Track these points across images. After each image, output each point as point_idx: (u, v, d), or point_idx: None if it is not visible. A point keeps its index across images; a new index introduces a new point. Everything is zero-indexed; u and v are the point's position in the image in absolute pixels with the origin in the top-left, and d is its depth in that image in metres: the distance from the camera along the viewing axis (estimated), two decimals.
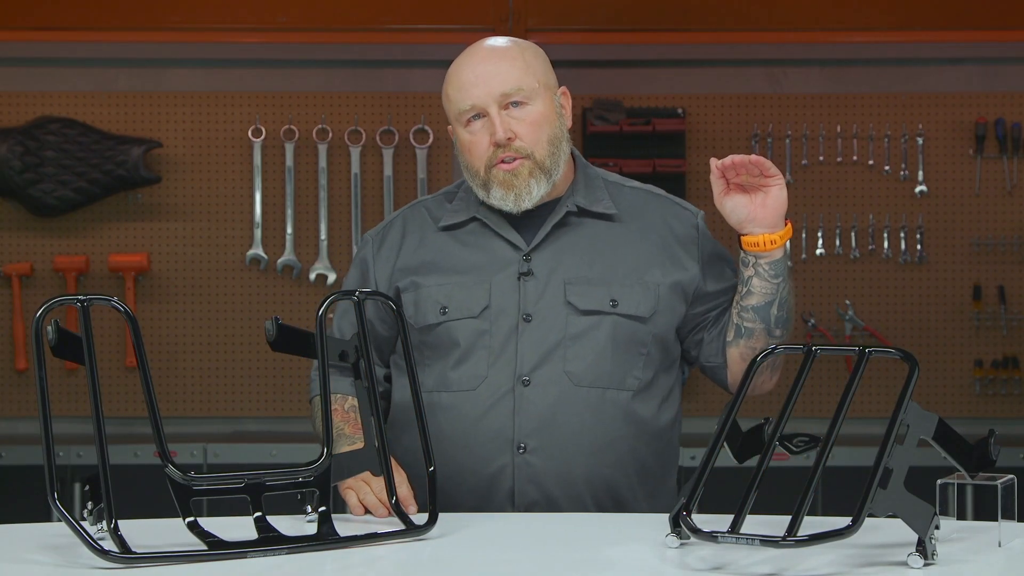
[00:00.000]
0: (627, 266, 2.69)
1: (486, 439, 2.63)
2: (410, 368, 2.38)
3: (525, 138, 2.64)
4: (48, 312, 2.06)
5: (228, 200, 5.28)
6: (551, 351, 2.64)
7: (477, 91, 2.63)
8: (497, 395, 2.63)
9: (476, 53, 2.69)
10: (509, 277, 2.67)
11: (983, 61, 5.30)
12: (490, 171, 2.65)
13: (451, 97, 2.67)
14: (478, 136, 2.65)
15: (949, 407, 5.23)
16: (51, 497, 2.03)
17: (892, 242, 5.27)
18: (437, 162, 5.28)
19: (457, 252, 2.72)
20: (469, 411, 2.64)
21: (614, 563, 2.12)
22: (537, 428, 2.62)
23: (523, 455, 2.62)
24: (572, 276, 2.67)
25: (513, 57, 2.67)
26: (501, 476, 2.63)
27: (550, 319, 2.65)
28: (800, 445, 2.23)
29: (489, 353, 2.65)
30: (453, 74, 2.68)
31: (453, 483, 2.64)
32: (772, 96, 5.30)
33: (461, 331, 2.66)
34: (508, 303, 2.66)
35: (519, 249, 2.69)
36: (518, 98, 2.64)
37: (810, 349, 2.22)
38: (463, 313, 2.66)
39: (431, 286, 2.69)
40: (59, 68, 5.29)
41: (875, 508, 1.98)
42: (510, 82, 2.63)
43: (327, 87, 5.31)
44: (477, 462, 2.63)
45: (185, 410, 5.27)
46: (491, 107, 2.63)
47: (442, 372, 2.67)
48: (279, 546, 2.10)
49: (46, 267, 5.24)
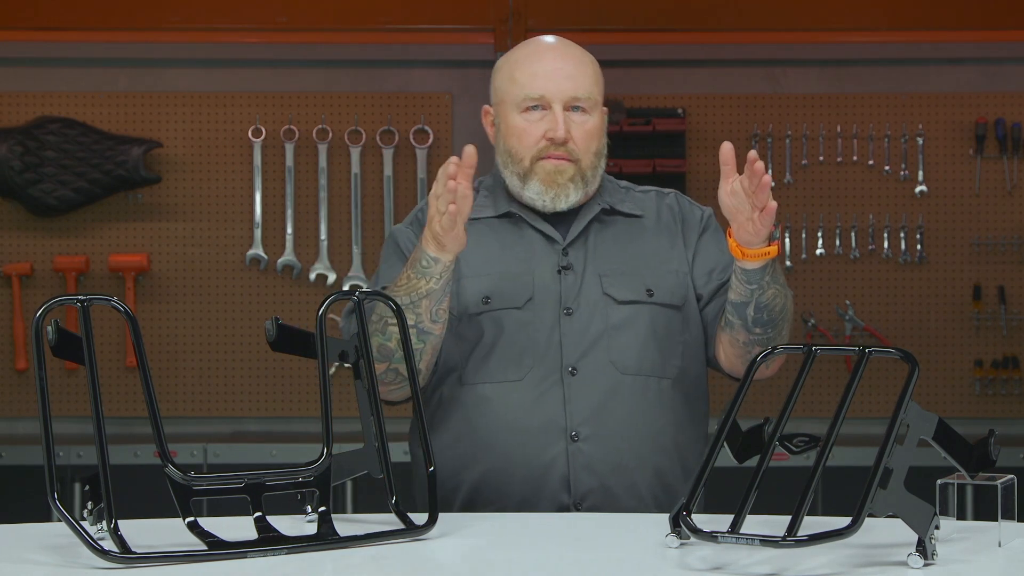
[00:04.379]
0: (656, 258, 2.74)
1: (537, 428, 2.64)
2: (410, 369, 2.37)
3: (579, 143, 2.68)
4: (48, 312, 2.06)
5: (228, 200, 5.28)
6: (595, 341, 2.67)
7: (551, 85, 2.66)
8: (545, 384, 2.65)
9: (554, 48, 2.73)
10: (549, 270, 2.70)
11: (983, 61, 5.31)
12: (536, 163, 2.68)
13: (518, 81, 2.69)
14: (534, 126, 2.68)
15: (949, 407, 5.23)
16: (51, 497, 2.03)
17: (892, 242, 5.27)
18: (437, 162, 5.28)
19: (495, 244, 2.73)
20: (517, 401, 2.65)
21: (614, 563, 2.12)
22: (588, 416, 2.64)
23: (576, 443, 2.64)
24: (606, 269, 2.71)
25: (587, 64, 2.71)
26: (555, 465, 2.63)
27: (590, 311, 2.68)
28: (800, 445, 2.23)
29: (534, 344, 2.66)
30: (525, 60, 2.71)
31: (504, 473, 2.64)
32: (772, 96, 5.30)
33: (504, 321, 2.67)
34: (550, 296, 2.69)
35: (556, 243, 2.72)
36: (584, 105, 2.68)
37: (810, 349, 2.22)
38: (506, 304, 2.68)
39: (472, 276, 2.70)
40: (59, 68, 5.29)
41: (875, 508, 1.98)
42: (583, 88, 2.68)
43: (327, 87, 5.31)
44: (529, 451, 2.64)
45: (185, 410, 5.27)
46: (557, 104, 2.66)
47: (486, 363, 2.68)
48: (279, 546, 2.10)
49: (46, 267, 5.24)
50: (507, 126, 2.70)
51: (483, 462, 2.66)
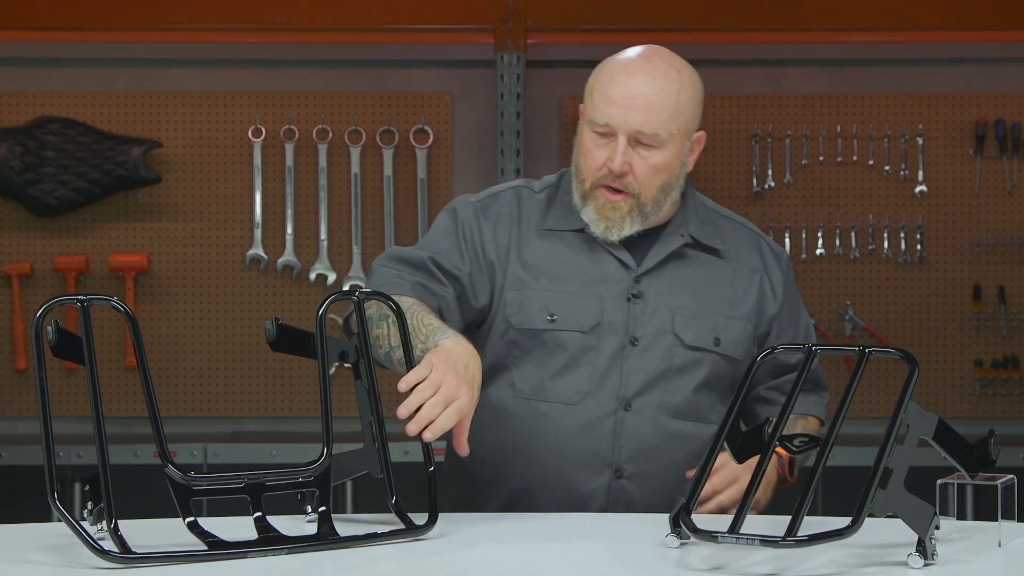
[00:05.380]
0: (729, 302, 2.68)
1: (583, 457, 2.61)
2: (410, 369, 2.36)
3: (639, 178, 2.58)
4: (48, 312, 2.05)
5: (228, 200, 5.28)
6: (654, 380, 2.62)
7: (618, 114, 2.56)
8: (598, 415, 2.61)
9: (638, 71, 2.58)
10: (618, 296, 2.64)
11: (983, 61, 5.30)
12: (594, 189, 2.60)
13: (594, 99, 2.59)
14: (598, 149, 2.59)
15: (949, 407, 5.23)
16: (51, 497, 2.03)
17: (892, 242, 5.27)
18: (437, 162, 5.28)
19: (565, 259, 2.66)
20: (568, 425, 2.61)
21: (614, 563, 2.12)
22: (635, 455, 2.61)
23: (619, 480, 2.61)
24: (679, 306, 2.64)
25: (669, 96, 2.57)
26: (595, 497, 2.61)
27: (655, 346, 2.63)
28: (800, 445, 2.23)
29: (594, 370, 2.61)
30: (608, 77, 2.60)
31: (542, 494, 2.62)
32: (772, 96, 5.30)
33: (568, 342, 2.61)
34: (616, 323, 2.62)
35: (630, 270, 2.65)
36: (650, 142, 2.57)
37: (810, 349, 2.23)
38: (572, 325, 2.62)
39: (539, 289, 2.63)
40: (59, 68, 5.29)
41: (875, 508, 1.98)
42: (650, 124, 2.56)
43: (327, 87, 5.31)
44: (572, 478, 2.61)
45: (185, 410, 5.27)
46: (621, 136, 2.56)
47: (541, 380, 2.62)
48: (279, 546, 2.10)
49: (46, 267, 5.24)
50: (579, 140, 2.63)
51: (523, 478, 2.63)
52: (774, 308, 2.72)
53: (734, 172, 5.29)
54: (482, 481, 2.66)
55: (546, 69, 5.30)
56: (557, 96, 5.28)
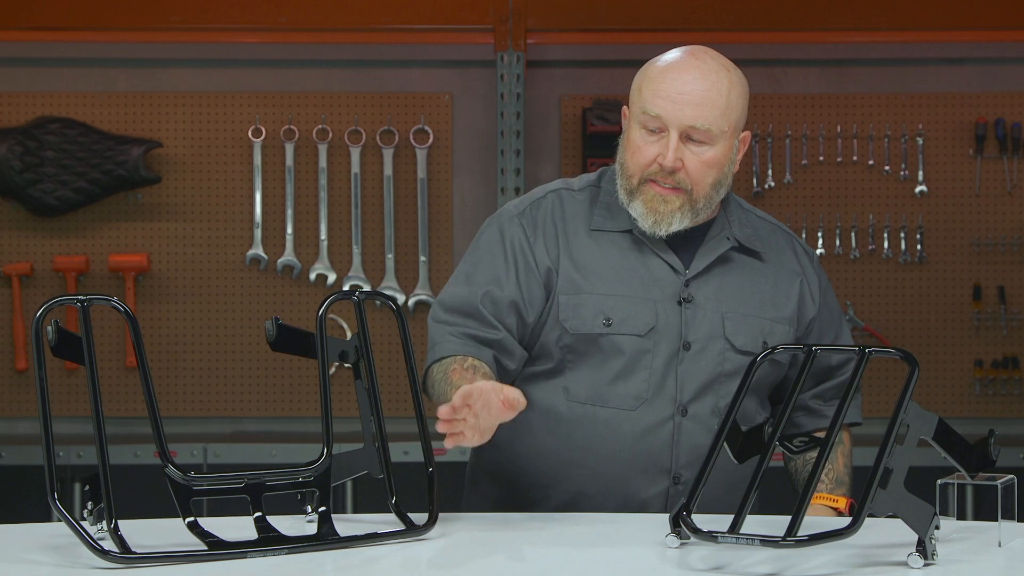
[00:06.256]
0: (774, 305, 2.67)
1: (643, 464, 2.59)
2: (410, 368, 2.36)
3: (692, 174, 2.56)
4: (48, 312, 2.06)
5: (228, 200, 5.28)
6: (708, 385, 2.61)
7: (671, 108, 2.54)
8: (657, 420, 2.59)
9: (689, 68, 2.57)
10: (670, 300, 2.61)
11: (983, 61, 5.31)
12: (643, 184, 2.58)
13: (644, 94, 2.58)
14: (648, 145, 2.57)
15: (949, 407, 5.23)
16: (51, 497, 2.03)
17: (892, 242, 5.27)
18: (437, 162, 5.28)
19: (616, 261, 2.63)
20: (627, 431, 2.59)
21: (614, 563, 2.12)
22: (692, 461, 2.59)
23: (677, 486, 2.60)
24: (728, 310, 2.63)
25: (720, 93, 2.56)
26: (652, 503, 2.60)
27: (708, 350, 2.61)
28: (800, 445, 2.23)
29: (650, 375, 2.59)
30: (657, 74, 2.58)
31: (599, 500, 2.60)
32: (772, 96, 5.30)
33: (625, 347, 2.59)
34: (670, 327, 2.60)
35: (679, 273, 2.63)
36: (702, 137, 2.55)
37: (810, 349, 2.23)
38: (629, 329, 2.59)
39: (594, 293, 2.61)
40: (59, 68, 5.29)
41: (875, 508, 1.98)
42: (703, 119, 2.54)
43: (327, 87, 5.31)
44: (631, 485, 2.60)
45: (185, 410, 5.27)
46: (673, 130, 2.54)
47: (598, 385, 2.60)
48: (279, 546, 2.10)
49: (46, 267, 5.24)
50: (627, 137, 2.61)
51: (579, 483, 2.62)
52: (813, 311, 2.71)
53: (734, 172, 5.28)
54: (535, 484, 2.63)
55: (546, 69, 5.30)
56: (557, 96, 5.28)
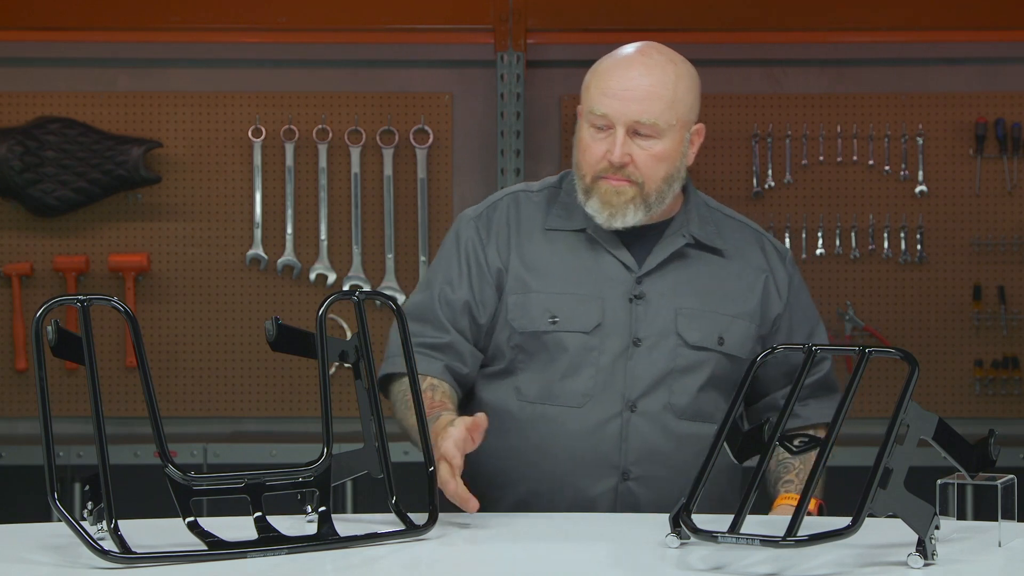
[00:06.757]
0: (733, 302, 2.67)
1: (592, 460, 2.61)
2: (410, 369, 2.36)
3: (641, 168, 2.58)
4: (48, 312, 2.06)
5: (228, 200, 5.28)
6: (659, 381, 2.62)
7: (616, 106, 2.57)
8: (604, 417, 2.61)
9: (635, 64, 2.60)
10: (620, 297, 2.63)
11: (983, 61, 5.30)
12: (596, 181, 2.60)
13: (591, 93, 2.61)
14: (597, 143, 2.60)
15: (949, 407, 5.23)
16: (51, 497, 2.03)
17: (892, 242, 5.27)
18: (437, 162, 5.28)
19: (567, 260, 2.66)
20: (575, 428, 2.61)
21: (614, 563, 2.12)
22: (641, 458, 2.60)
23: (626, 483, 2.61)
24: (682, 305, 2.64)
25: (666, 87, 2.58)
26: (602, 500, 2.61)
27: (659, 347, 2.62)
28: (800, 445, 2.23)
29: (597, 372, 2.61)
30: (604, 72, 2.61)
31: (549, 498, 2.61)
32: (772, 96, 5.30)
33: (570, 344, 2.62)
34: (619, 324, 2.62)
35: (631, 271, 2.65)
36: (648, 131, 2.58)
37: (810, 349, 2.23)
38: (574, 327, 2.62)
39: (542, 292, 2.64)
40: (59, 68, 5.29)
41: (875, 508, 1.98)
42: (648, 114, 2.57)
43: (327, 87, 5.31)
44: (580, 481, 2.61)
45: (185, 410, 5.27)
46: (620, 127, 2.57)
47: (547, 383, 2.63)
48: (279, 546, 2.10)
49: (46, 267, 5.24)
50: (578, 136, 2.64)
51: (531, 481, 2.64)
52: (779, 307, 2.71)
53: (734, 172, 5.29)
54: (491, 485, 2.65)
55: (546, 69, 5.30)
56: (557, 96, 5.28)
